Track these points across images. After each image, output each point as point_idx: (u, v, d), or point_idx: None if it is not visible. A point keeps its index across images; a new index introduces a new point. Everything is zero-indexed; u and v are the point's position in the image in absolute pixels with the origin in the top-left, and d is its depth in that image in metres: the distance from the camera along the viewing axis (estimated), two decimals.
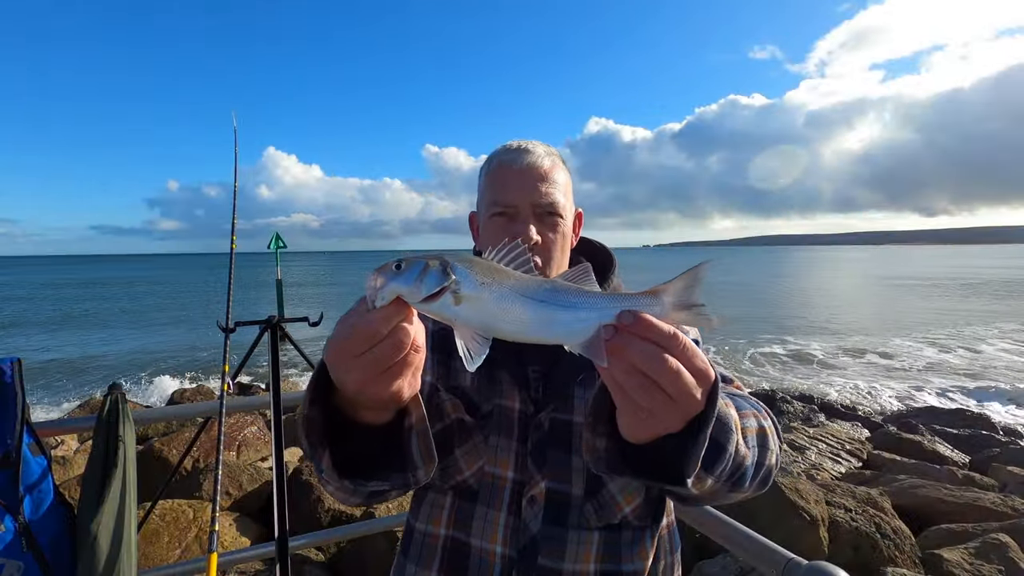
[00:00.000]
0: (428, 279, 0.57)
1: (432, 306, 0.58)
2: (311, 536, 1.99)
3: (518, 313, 0.58)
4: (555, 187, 1.00)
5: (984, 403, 11.65)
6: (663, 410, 0.58)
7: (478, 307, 0.58)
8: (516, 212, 0.98)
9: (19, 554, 1.48)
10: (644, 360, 0.56)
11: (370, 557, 3.51)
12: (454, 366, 1.00)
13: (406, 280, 0.57)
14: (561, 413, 0.95)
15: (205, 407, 2.05)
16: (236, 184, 2.49)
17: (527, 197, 0.98)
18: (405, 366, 0.62)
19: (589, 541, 0.91)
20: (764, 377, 14.70)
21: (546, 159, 1.01)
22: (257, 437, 6.27)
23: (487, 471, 0.94)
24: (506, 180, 0.99)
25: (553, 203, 0.99)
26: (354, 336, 0.59)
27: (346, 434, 0.73)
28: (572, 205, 1.06)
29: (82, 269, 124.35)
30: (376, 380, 0.62)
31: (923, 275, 61.64)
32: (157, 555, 3.45)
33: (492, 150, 1.09)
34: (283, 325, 2.20)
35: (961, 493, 5.00)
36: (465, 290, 0.58)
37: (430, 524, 0.98)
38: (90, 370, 16.99)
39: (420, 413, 0.74)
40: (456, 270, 0.58)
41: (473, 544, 0.93)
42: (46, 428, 1.71)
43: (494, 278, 0.59)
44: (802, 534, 3.70)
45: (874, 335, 20.69)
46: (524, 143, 1.03)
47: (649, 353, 0.56)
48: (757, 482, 0.77)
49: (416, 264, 0.58)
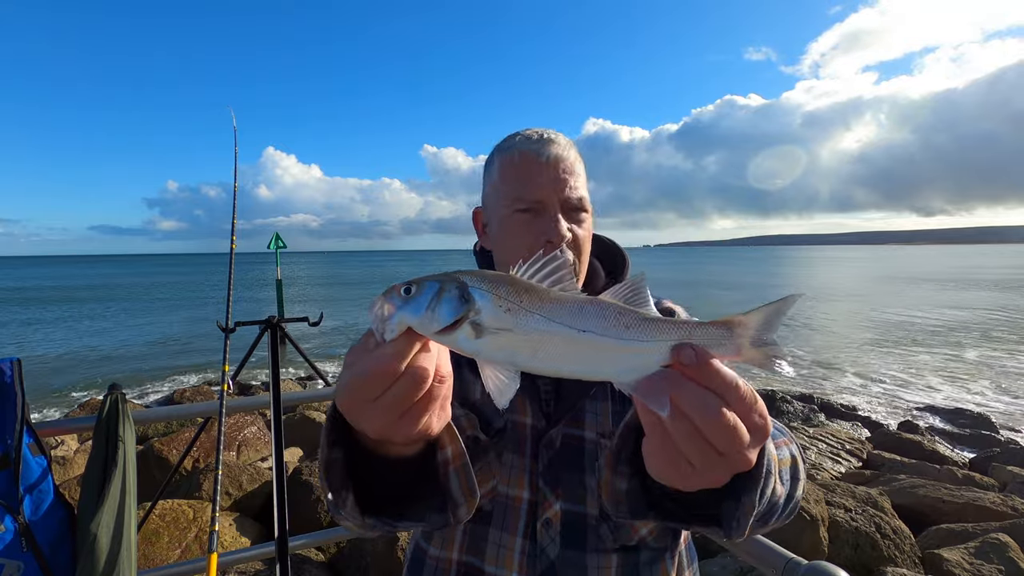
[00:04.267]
0: (443, 308, 0.48)
1: (448, 339, 0.49)
2: (311, 536, 1.99)
3: (553, 346, 0.49)
4: (581, 180, 0.94)
5: (984, 403, 11.65)
6: (709, 465, 0.50)
7: (503, 341, 0.49)
8: (543, 208, 0.90)
9: (19, 554, 1.48)
10: (698, 410, 0.47)
11: (370, 557, 3.52)
12: (466, 377, 0.92)
13: (416, 309, 0.48)
14: (573, 428, 0.90)
15: (205, 407, 2.05)
16: (236, 184, 2.48)
17: (555, 192, 0.90)
18: (430, 401, 0.54)
19: (608, 565, 0.87)
20: (763, 377, 14.70)
21: (571, 150, 0.94)
22: (257, 437, 6.28)
23: (500, 491, 0.89)
24: (531, 173, 0.90)
25: (582, 198, 0.92)
26: (366, 379, 0.51)
27: (371, 470, 0.65)
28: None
29: (82, 269, 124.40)
30: (399, 423, 0.53)
31: (923, 275, 61.69)
32: (157, 555, 3.46)
33: (503, 139, 0.98)
34: (283, 325, 2.20)
35: (961, 493, 5.00)
36: (487, 320, 0.48)
37: (443, 549, 0.92)
38: (90, 370, 16.98)
39: (459, 448, 0.66)
40: (476, 294, 0.49)
41: (487, 571, 0.88)
42: (46, 428, 1.71)
43: (522, 302, 0.49)
44: (802, 534, 3.70)
45: (874, 335, 20.68)
46: (544, 132, 0.95)
47: (706, 403, 0.47)
48: (785, 515, 0.71)
49: (428, 288, 0.49)
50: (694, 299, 34.57)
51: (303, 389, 9.99)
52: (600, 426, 0.90)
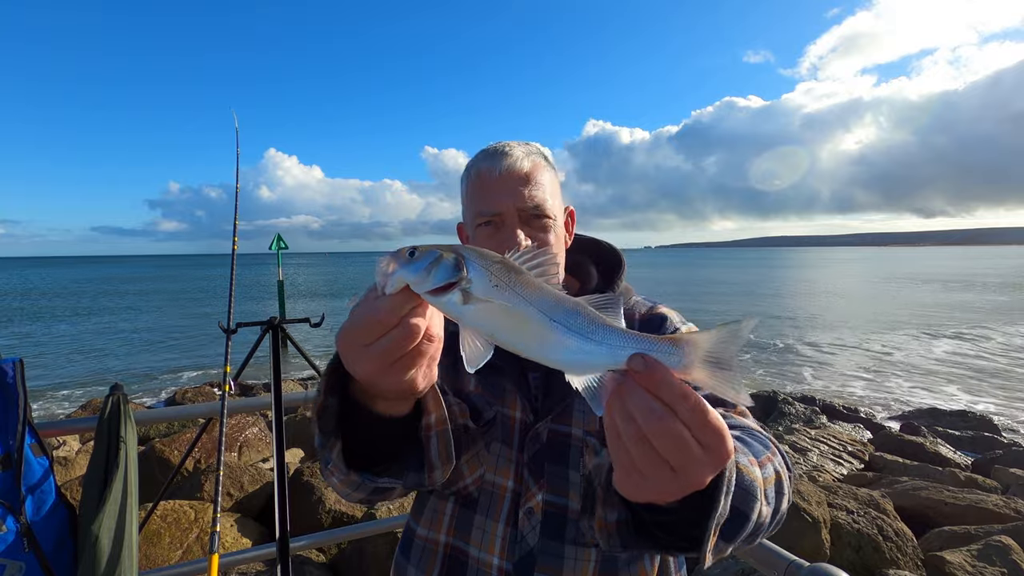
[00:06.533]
0: (438, 272, 0.54)
1: (438, 300, 0.54)
2: (312, 537, 1.99)
3: (525, 328, 0.53)
4: (539, 188, 0.95)
5: (987, 405, 11.62)
6: (660, 479, 0.51)
7: (485, 311, 0.53)
8: (502, 220, 0.94)
9: (21, 554, 1.48)
10: (643, 414, 0.49)
11: (371, 558, 3.51)
12: (461, 370, 0.97)
13: (415, 269, 0.54)
14: (560, 424, 0.93)
15: (206, 408, 2.05)
16: (237, 185, 2.49)
17: (511, 203, 0.93)
18: (418, 356, 0.59)
19: (587, 558, 0.89)
20: (765, 378, 14.68)
21: (525, 160, 0.96)
22: (258, 438, 6.28)
23: (487, 479, 0.93)
24: (487, 188, 0.95)
25: (539, 205, 0.94)
26: (363, 325, 0.57)
27: (361, 425, 0.71)
28: (561, 203, 1.02)
29: (84, 270, 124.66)
30: (387, 370, 0.59)
31: (925, 275, 61.55)
32: (158, 556, 3.46)
33: (472, 158, 1.02)
34: (284, 326, 2.21)
35: (963, 495, 4.99)
36: (475, 290, 0.53)
37: (432, 529, 0.97)
38: (92, 371, 17.02)
39: (441, 414, 0.72)
40: (471, 267, 0.54)
41: (472, 554, 0.92)
42: (48, 429, 1.71)
43: (510, 283, 0.54)
44: (804, 536, 3.69)
45: (876, 336, 20.65)
46: (502, 145, 0.98)
47: (651, 409, 0.49)
48: (770, 530, 0.72)
49: (429, 254, 0.54)
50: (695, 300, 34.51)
51: (304, 390, 9.98)
52: (587, 424, 0.93)
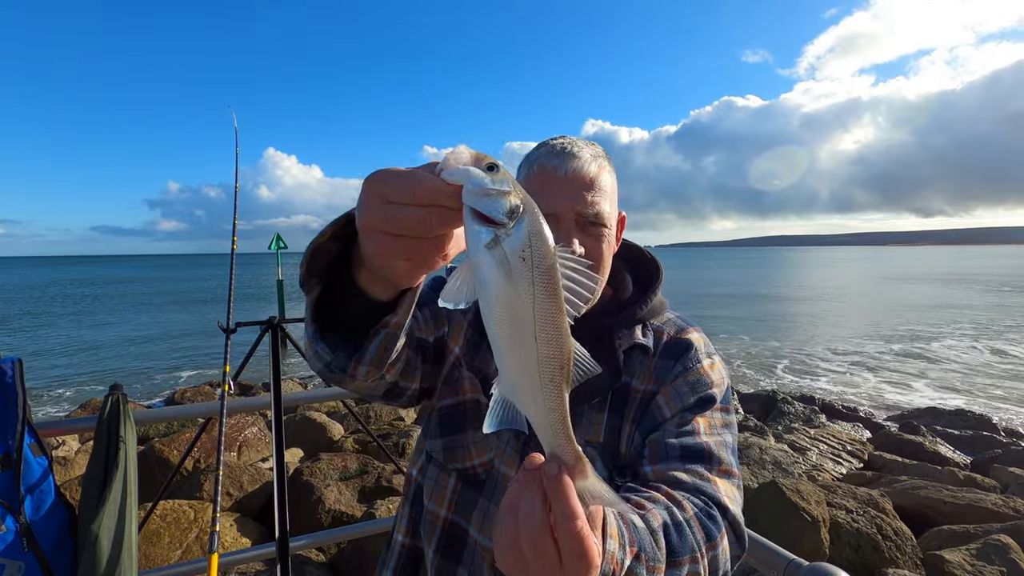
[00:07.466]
0: (492, 201, 0.48)
1: (468, 220, 0.49)
2: (312, 536, 1.99)
3: (512, 313, 0.49)
4: (601, 195, 0.93)
5: (985, 404, 11.63)
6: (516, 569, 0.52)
7: (495, 270, 0.48)
8: (556, 221, 0.91)
9: (20, 554, 1.48)
10: (521, 513, 0.51)
11: (370, 558, 3.51)
12: (485, 347, 1.00)
13: (477, 181, 0.48)
14: None
15: (206, 408, 2.05)
16: (237, 184, 2.48)
17: (571, 206, 0.91)
18: (419, 250, 0.54)
19: None
20: (764, 378, 14.69)
21: (592, 164, 0.93)
22: (258, 438, 6.27)
23: (495, 466, 0.95)
24: (548, 185, 0.92)
25: (599, 213, 0.92)
26: (397, 182, 0.51)
27: (339, 288, 0.69)
28: (616, 210, 1.00)
29: (83, 270, 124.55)
30: (386, 240, 0.53)
31: (925, 275, 61.59)
32: (158, 556, 3.46)
33: (535, 147, 1.00)
34: (284, 326, 2.21)
35: (962, 494, 4.99)
36: (506, 245, 0.48)
37: (433, 502, 0.99)
38: (91, 370, 17.01)
39: (402, 321, 0.71)
40: (520, 225, 0.48)
41: (471, 534, 0.94)
42: (47, 428, 1.71)
43: (537, 267, 0.48)
44: (803, 535, 3.70)
45: (875, 335, 20.67)
46: (569, 143, 0.95)
47: (531, 512, 0.50)
48: None
49: (501, 182, 0.49)
50: (697, 302, 34.53)
51: (304, 389, 9.99)
52: (591, 434, 0.93)
